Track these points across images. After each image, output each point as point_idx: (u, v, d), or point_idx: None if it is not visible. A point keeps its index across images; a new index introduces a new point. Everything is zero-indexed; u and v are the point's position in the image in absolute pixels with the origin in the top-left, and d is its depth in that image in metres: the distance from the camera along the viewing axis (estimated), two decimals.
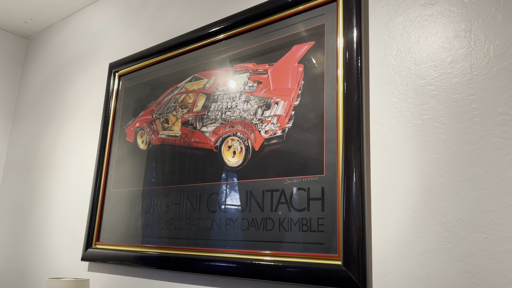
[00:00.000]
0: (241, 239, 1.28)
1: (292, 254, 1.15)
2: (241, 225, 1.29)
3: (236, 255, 1.26)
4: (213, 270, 1.30)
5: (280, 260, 1.16)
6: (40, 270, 2.01)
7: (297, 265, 1.12)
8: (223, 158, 1.41)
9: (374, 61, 1.15)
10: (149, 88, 1.77)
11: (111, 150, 1.84)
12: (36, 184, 2.25)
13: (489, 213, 0.90)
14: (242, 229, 1.29)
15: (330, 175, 1.14)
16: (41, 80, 2.52)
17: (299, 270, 1.11)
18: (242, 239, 1.28)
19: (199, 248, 1.38)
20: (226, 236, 1.32)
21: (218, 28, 1.54)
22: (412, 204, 1.00)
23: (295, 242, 1.16)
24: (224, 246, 1.31)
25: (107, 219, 1.74)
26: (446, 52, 1.03)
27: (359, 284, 1.01)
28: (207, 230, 1.38)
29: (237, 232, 1.30)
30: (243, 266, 1.23)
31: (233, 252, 1.28)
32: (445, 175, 0.97)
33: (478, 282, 0.88)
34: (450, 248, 0.93)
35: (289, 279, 1.12)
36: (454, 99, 0.99)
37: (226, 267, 1.27)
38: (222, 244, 1.32)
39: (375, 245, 1.03)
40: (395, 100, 1.09)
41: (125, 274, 1.60)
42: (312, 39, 1.27)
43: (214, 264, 1.30)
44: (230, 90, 1.45)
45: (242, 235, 1.28)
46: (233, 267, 1.25)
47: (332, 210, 1.11)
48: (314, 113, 1.21)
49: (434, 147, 1.00)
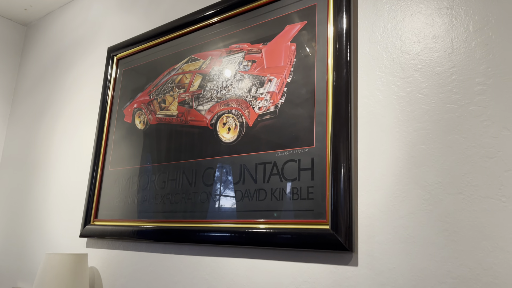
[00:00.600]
0: (236, 210, 1.34)
1: (284, 221, 1.21)
2: (235, 196, 1.35)
3: (231, 225, 1.32)
4: (209, 240, 1.36)
5: (272, 227, 1.22)
6: (39, 248, 2.06)
7: (289, 231, 1.18)
8: (218, 134, 1.47)
9: (362, 39, 1.21)
10: (147, 70, 1.82)
11: (109, 131, 1.89)
12: (34, 166, 2.30)
13: (466, 175, 0.96)
14: (236, 200, 1.35)
15: (319, 146, 1.20)
16: (40, 67, 2.57)
17: (290, 236, 1.17)
18: (235, 210, 1.33)
19: (195, 220, 1.43)
20: (221, 208, 1.37)
21: (213, 11, 1.60)
22: (396, 171, 1.06)
23: (287, 210, 1.22)
24: (219, 217, 1.37)
25: (105, 196, 1.79)
26: (429, 28, 1.09)
27: (345, 246, 1.07)
28: (203, 203, 1.43)
29: (231, 204, 1.35)
30: (237, 234, 1.29)
31: (228, 222, 1.34)
32: (426, 143, 1.03)
33: (455, 239, 0.95)
34: (430, 209, 0.99)
35: (282, 244, 1.18)
36: (436, 72, 1.06)
37: (221, 236, 1.33)
38: (217, 216, 1.38)
39: (361, 210, 1.10)
40: (381, 75, 1.15)
41: (123, 249, 1.66)
42: (304, 19, 1.33)
43: (210, 234, 1.36)
44: (225, 70, 1.51)
45: (236, 206, 1.34)
46: (228, 236, 1.31)
47: (321, 179, 1.17)
48: (305, 89, 1.27)
49: (417, 117, 1.06)
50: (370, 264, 1.05)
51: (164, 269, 1.49)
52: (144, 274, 1.55)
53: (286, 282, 1.18)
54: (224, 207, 1.37)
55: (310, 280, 1.14)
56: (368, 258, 1.06)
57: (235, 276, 1.29)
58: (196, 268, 1.40)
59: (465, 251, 0.93)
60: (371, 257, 1.05)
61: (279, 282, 1.19)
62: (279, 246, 1.19)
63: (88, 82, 2.15)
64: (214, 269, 1.35)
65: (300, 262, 1.17)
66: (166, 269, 1.49)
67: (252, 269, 1.26)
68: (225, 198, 1.38)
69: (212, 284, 1.34)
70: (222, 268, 1.33)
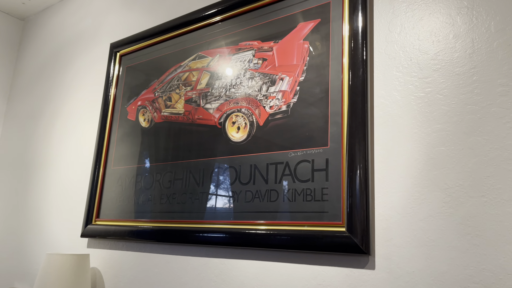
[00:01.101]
0: (246, 210, 1.31)
1: (297, 223, 1.18)
2: (245, 197, 1.32)
3: (240, 226, 1.29)
4: (217, 241, 1.33)
5: (285, 229, 1.20)
6: (38, 247, 2.01)
7: (302, 233, 1.16)
8: (227, 134, 1.44)
9: (379, 37, 1.19)
10: (151, 67, 1.78)
11: (111, 129, 1.85)
12: (32, 164, 2.25)
13: (488, 178, 0.94)
14: (246, 201, 1.32)
15: (334, 147, 1.17)
16: (38, 63, 2.51)
17: (304, 238, 1.15)
18: (246, 211, 1.31)
19: (203, 220, 1.40)
20: (231, 209, 1.34)
21: (221, 7, 1.57)
22: (415, 172, 1.04)
23: (300, 212, 1.19)
24: (228, 218, 1.34)
25: (107, 196, 1.76)
26: (449, 27, 1.07)
27: (362, 248, 1.05)
28: (211, 203, 1.40)
29: (241, 204, 1.33)
30: (247, 236, 1.26)
31: (237, 223, 1.31)
32: (446, 144, 1.01)
33: (477, 243, 0.93)
34: (450, 213, 0.97)
35: (294, 246, 1.16)
36: (456, 72, 1.04)
37: (230, 237, 1.30)
38: (226, 216, 1.35)
39: (378, 212, 1.08)
40: (398, 75, 1.13)
41: (126, 249, 1.62)
42: (318, 17, 1.31)
43: (218, 236, 1.33)
44: (234, 68, 1.48)
45: (246, 207, 1.31)
46: (237, 237, 1.28)
47: (336, 180, 1.15)
48: (319, 88, 1.25)
49: (437, 118, 1.04)
50: (388, 268, 1.03)
51: (170, 270, 1.46)
52: (148, 275, 1.52)
53: (299, 285, 1.16)
54: (233, 208, 1.34)
55: (325, 283, 1.11)
56: (385, 261, 1.04)
57: (245, 279, 1.27)
58: (204, 270, 1.37)
59: (487, 255, 0.91)
60: (389, 260, 1.03)
61: (292, 285, 1.17)
62: (292, 248, 1.17)
63: (89, 79, 2.11)
64: (222, 271, 1.33)
65: (313, 265, 1.15)
66: (172, 271, 1.45)
67: (264, 272, 1.23)
68: (234, 199, 1.35)
69: (221, 287, 1.31)
70: (231, 270, 1.31)
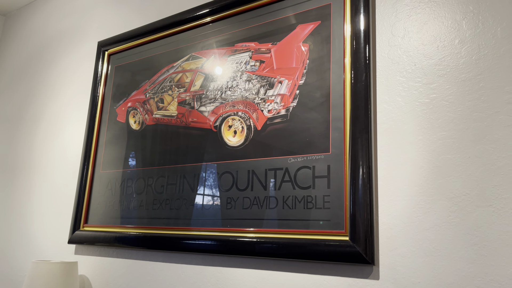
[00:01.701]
0: (243, 217, 1.27)
1: (298, 231, 1.15)
2: (243, 204, 1.28)
3: (238, 234, 1.26)
4: (213, 249, 1.29)
5: (285, 237, 1.16)
6: (23, 254, 1.93)
7: (303, 242, 1.12)
8: (223, 137, 1.39)
9: (381, 41, 1.16)
10: (142, 68, 1.72)
11: (100, 131, 1.79)
12: (14, 167, 2.16)
13: (496, 187, 0.93)
14: (243, 208, 1.28)
15: (336, 153, 1.15)
16: (20, 60, 2.42)
17: (305, 247, 1.12)
18: (244, 218, 1.27)
19: (197, 227, 1.36)
20: (228, 215, 1.31)
21: (216, 6, 1.52)
22: (420, 181, 1.02)
23: (300, 220, 1.16)
24: (225, 225, 1.30)
25: (96, 200, 1.69)
26: (454, 32, 1.05)
27: (366, 258, 1.02)
28: (207, 210, 1.36)
29: (239, 211, 1.29)
30: (245, 244, 1.22)
31: (234, 231, 1.27)
32: (452, 152, 0.99)
33: (485, 253, 0.91)
34: (457, 222, 0.96)
35: (295, 255, 1.13)
36: (462, 79, 1.02)
37: (226, 245, 1.26)
38: (222, 224, 1.31)
39: (382, 220, 1.05)
40: (402, 80, 1.10)
41: (117, 256, 1.57)
42: (318, 19, 1.27)
43: (214, 243, 1.29)
44: (230, 69, 1.44)
45: (244, 214, 1.27)
46: (234, 245, 1.24)
47: (338, 187, 1.12)
48: (320, 92, 1.21)
49: (442, 125, 1.02)
50: (392, 278, 1.01)
51: (164, 278, 1.41)
52: (141, 283, 1.47)
53: None
54: (230, 215, 1.30)
55: None
56: (390, 271, 1.01)
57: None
58: (200, 279, 1.33)
59: (495, 266, 0.90)
60: (394, 270, 1.01)
61: None
62: (292, 257, 1.14)
63: (75, 78, 2.03)
64: (219, 279, 1.29)
65: (315, 275, 1.12)
66: (166, 279, 1.41)
67: (262, 281, 1.20)
68: (231, 206, 1.31)
69: None
70: (228, 279, 1.27)
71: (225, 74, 1.45)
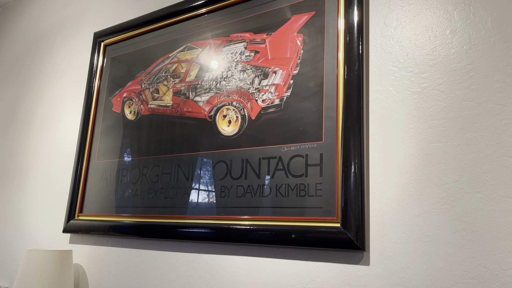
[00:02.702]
0: (237, 205, 1.28)
1: (290, 219, 1.17)
2: (237, 192, 1.30)
3: (230, 222, 1.27)
4: (206, 236, 1.30)
5: (278, 224, 1.18)
6: (17, 243, 1.94)
7: (296, 228, 1.14)
8: (217, 127, 1.40)
9: (374, 32, 1.18)
10: (138, 58, 1.73)
11: (95, 121, 1.79)
12: (10, 156, 2.16)
13: (484, 174, 0.95)
14: (237, 196, 1.29)
15: (329, 142, 1.16)
16: (16, 51, 2.42)
17: (298, 234, 1.13)
18: (237, 206, 1.28)
19: (191, 216, 1.37)
20: (222, 204, 1.32)
21: None
22: (410, 168, 1.04)
23: (293, 207, 1.18)
24: (219, 213, 1.32)
25: (91, 190, 1.70)
26: (446, 23, 1.07)
27: (357, 244, 1.04)
28: (201, 198, 1.37)
29: (233, 199, 1.30)
30: (238, 231, 1.23)
31: (228, 219, 1.28)
32: (442, 140, 1.01)
33: (473, 239, 0.93)
34: (446, 208, 0.97)
35: (287, 242, 1.14)
36: (452, 68, 1.04)
37: (220, 233, 1.27)
38: (216, 212, 1.32)
39: (373, 207, 1.07)
40: (394, 69, 1.12)
41: (111, 245, 1.58)
42: (312, 9, 1.29)
43: (207, 231, 1.30)
44: (225, 60, 1.45)
45: (238, 202, 1.29)
46: (227, 233, 1.26)
47: (331, 175, 1.14)
48: (314, 82, 1.23)
49: (433, 114, 1.04)
50: (382, 264, 1.03)
51: (158, 266, 1.43)
52: (135, 271, 1.48)
53: (292, 281, 1.14)
54: (224, 203, 1.31)
55: (318, 279, 1.10)
56: (380, 257, 1.03)
57: (236, 275, 1.24)
58: (193, 266, 1.34)
59: (483, 251, 0.92)
60: (384, 256, 1.03)
61: (284, 281, 1.15)
62: (284, 244, 1.15)
63: (72, 68, 2.04)
64: (212, 267, 1.30)
65: (306, 261, 1.13)
66: (160, 267, 1.42)
67: (255, 268, 1.21)
68: (225, 194, 1.32)
69: (211, 283, 1.29)
70: (221, 266, 1.28)
71: (220, 64, 1.46)
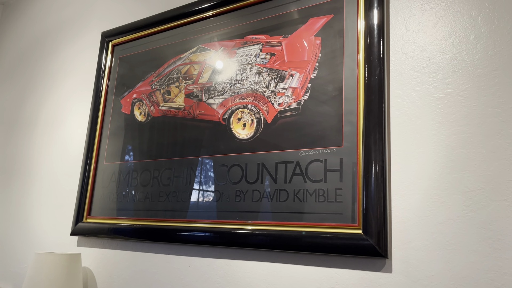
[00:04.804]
0: (253, 210, 1.27)
1: (309, 224, 1.15)
2: (252, 196, 1.28)
3: (247, 226, 1.25)
4: (221, 242, 1.28)
5: (296, 230, 1.16)
6: (23, 246, 1.91)
7: (315, 234, 1.13)
8: (232, 130, 1.39)
9: (395, 36, 1.16)
10: (148, 59, 1.71)
11: (103, 122, 1.77)
12: (15, 160, 2.13)
13: (511, 182, 0.94)
14: (253, 201, 1.28)
15: (349, 147, 1.15)
16: (19, 50, 2.38)
17: (317, 239, 1.12)
18: (253, 210, 1.27)
19: (204, 220, 1.35)
20: (237, 208, 1.30)
21: None
22: (433, 175, 1.03)
23: (312, 213, 1.16)
24: (234, 218, 1.30)
25: (100, 192, 1.68)
26: (470, 28, 1.06)
27: (379, 251, 1.03)
28: (215, 202, 1.35)
29: (248, 204, 1.28)
30: (255, 236, 1.22)
31: (243, 224, 1.27)
32: (467, 147, 1.00)
33: (499, 247, 0.92)
34: (471, 216, 0.96)
35: (307, 248, 1.13)
36: (477, 74, 1.03)
37: (235, 237, 1.26)
38: (231, 216, 1.31)
39: (395, 214, 1.06)
40: (416, 74, 1.11)
41: (120, 248, 1.55)
42: (330, 12, 1.27)
43: (218, 236, 1.28)
44: (240, 62, 1.43)
45: (254, 206, 1.27)
46: (243, 238, 1.24)
47: (351, 181, 1.12)
48: (333, 86, 1.21)
49: (457, 120, 1.03)
50: (405, 271, 1.01)
51: (170, 271, 1.41)
52: (145, 275, 1.46)
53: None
54: (239, 207, 1.30)
55: (338, 286, 1.09)
56: (403, 264, 1.02)
57: (253, 280, 1.23)
58: (207, 271, 1.32)
59: (509, 259, 0.91)
60: (407, 263, 1.02)
61: (303, 287, 1.14)
62: (304, 250, 1.14)
63: (77, 68, 2.00)
64: (227, 272, 1.28)
65: (326, 267, 1.12)
66: (172, 271, 1.40)
67: (273, 274, 1.20)
68: (240, 198, 1.30)
69: None
70: (237, 271, 1.27)
71: (234, 66, 1.44)
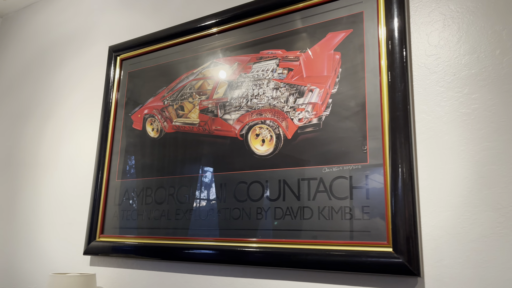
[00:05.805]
0: (276, 228, 1.25)
1: (336, 243, 1.14)
2: (275, 214, 1.27)
3: (270, 245, 1.24)
4: (245, 261, 1.26)
5: (322, 248, 1.15)
6: (32, 265, 1.87)
7: (343, 253, 1.11)
8: (250, 146, 1.37)
9: (417, 51, 1.16)
10: (158, 74, 1.68)
11: (114, 138, 1.74)
12: (22, 176, 2.09)
13: None
14: (275, 218, 1.26)
15: (374, 163, 1.14)
16: (20, 64, 2.34)
17: (345, 258, 1.10)
18: (276, 228, 1.25)
19: (225, 238, 1.33)
20: (258, 226, 1.28)
21: (238, 12, 1.49)
22: (464, 191, 1.02)
23: (338, 231, 1.15)
24: (255, 236, 1.28)
25: (112, 210, 1.65)
26: (495, 43, 1.06)
27: (411, 269, 1.02)
28: (235, 220, 1.34)
29: (270, 222, 1.27)
30: (279, 255, 1.20)
31: (266, 242, 1.25)
32: (497, 163, 1.00)
33: None
34: (505, 233, 0.96)
35: (335, 267, 1.11)
36: (504, 89, 1.02)
37: (259, 256, 1.24)
38: (252, 234, 1.29)
39: (425, 231, 1.05)
40: (441, 90, 1.10)
41: (137, 268, 1.53)
42: (350, 27, 1.26)
43: (246, 255, 1.26)
44: (256, 77, 1.41)
45: (276, 224, 1.25)
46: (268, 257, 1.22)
47: (378, 198, 1.11)
48: (355, 101, 1.20)
49: (485, 136, 1.02)
50: None
51: None
52: None
53: None
54: (260, 225, 1.28)
55: None
56: (436, 283, 1.01)
57: None
58: None
59: None
60: (440, 282, 1.01)
61: None
62: (331, 269, 1.12)
63: (85, 83, 1.97)
64: None
65: (355, 286, 1.11)
66: None
67: None
68: (261, 216, 1.29)
69: None
70: None
71: (250, 81, 1.42)
